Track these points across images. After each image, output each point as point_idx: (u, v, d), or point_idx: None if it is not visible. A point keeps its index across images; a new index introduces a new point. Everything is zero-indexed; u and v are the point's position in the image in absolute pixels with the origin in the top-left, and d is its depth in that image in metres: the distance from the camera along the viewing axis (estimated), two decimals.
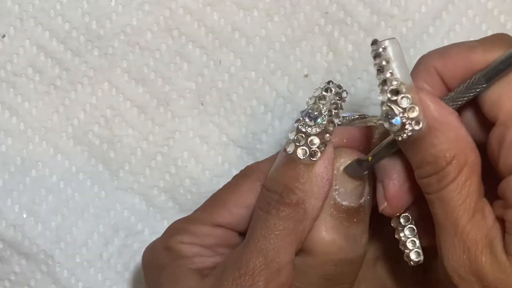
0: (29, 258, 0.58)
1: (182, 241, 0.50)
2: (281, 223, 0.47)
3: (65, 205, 0.58)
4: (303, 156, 0.47)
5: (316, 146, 0.47)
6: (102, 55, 0.58)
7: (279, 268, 0.46)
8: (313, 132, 0.47)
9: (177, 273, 0.49)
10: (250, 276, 0.46)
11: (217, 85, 0.58)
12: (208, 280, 0.48)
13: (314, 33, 0.58)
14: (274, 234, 0.47)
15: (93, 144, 0.58)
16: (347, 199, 0.48)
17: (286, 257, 0.47)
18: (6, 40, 0.57)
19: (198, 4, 0.58)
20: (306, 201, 0.47)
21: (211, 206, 0.51)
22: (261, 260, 0.47)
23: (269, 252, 0.47)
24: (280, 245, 0.47)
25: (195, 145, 0.58)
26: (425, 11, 0.57)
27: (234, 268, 0.47)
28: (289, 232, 0.47)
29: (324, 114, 0.47)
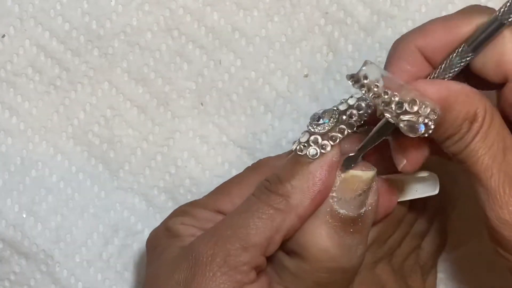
0: (28, 258, 0.58)
1: (182, 223, 0.51)
2: (260, 206, 0.47)
3: (65, 205, 0.58)
4: (302, 152, 0.47)
5: (317, 145, 0.47)
6: (102, 55, 0.58)
7: (243, 246, 0.47)
8: (317, 131, 0.47)
9: (166, 249, 0.50)
10: (212, 246, 0.47)
11: (217, 85, 0.58)
12: (182, 250, 0.48)
13: (314, 33, 0.58)
14: (250, 213, 0.47)
15: (93, 144, 0.58)
16: (345, 208, 0.48)
17: (254, 239, 0.47)
18: (6, 40, 0.57)
19: (198, 4, 0.58)
20: (291, 194, 0.47)
21: (216, 194, 0.52)
22: (228, 233, 0.47)
23: (239, 229, 0.47)
24: (252, 226, 0.47)
25: (195, 145, 0.58)
26: (425, 11, 0.57)
27: (202, 237, 0.48)
28: (266, 217, 0.47)
29: (334, 117, 0.47)
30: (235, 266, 0.46)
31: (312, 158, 0.47)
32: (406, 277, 0.54)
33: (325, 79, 0.58)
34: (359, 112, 0.48)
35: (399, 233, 0.53)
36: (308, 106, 0.58)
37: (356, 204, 0.48)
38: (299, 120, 0.58)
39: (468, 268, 0.59)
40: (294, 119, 0.58)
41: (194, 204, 0.52)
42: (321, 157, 0.47)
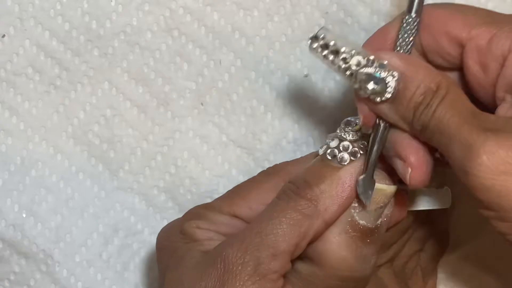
0: (28, 257, 0.58)
1: (198, 226, 0.50)
2: (288, 212, 0.47)
3: (65, 204, 0.58)
4: (332, 157, 0.47)
5: (347, 152, 0.47)
6: (102, 55, 0.58)
7: (273, 254, 0.46)
8: (348, 138, 0.47)
9: (186, 255, 0.49)
10: (242, 254, 0.46)
11: (217, 85, 0.58)
12: (206, 255, 0.48)
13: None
14: (278, 219, 0.47)
15: (93, 144, 0.58)
16: (365, 219, 0.47)
17: (283, 246, 0.46)
18: (6, 40, 0.58)
19: (198, 4, 0.58)
20: (320, 200, 0.47)
21: (231, 197, 0.52)
22: (258, 241, 0.46)
23: (268, 236, 0.46)
24: (281, 233, 0.46)
25: (195, 145, 0.58)
26: None
27: (230, 244, 0.47)
28: (294, 222, 0.46)
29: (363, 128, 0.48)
30: (265, 274, 0.46)
31: (342, 164, 0.47)
32: (407, 279, 0.54)
33: (325, 79, 0.58)
34: None
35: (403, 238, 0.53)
36: (308, 106, 0.58)
37: (376, 216, 0.48)
38: (299, 120, 0.58)
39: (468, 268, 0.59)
40: (294, 119, 0.58)
41: (209, 208, 0.52)
42: (352, 164, 0.47)
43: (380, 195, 0.48)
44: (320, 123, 0.58)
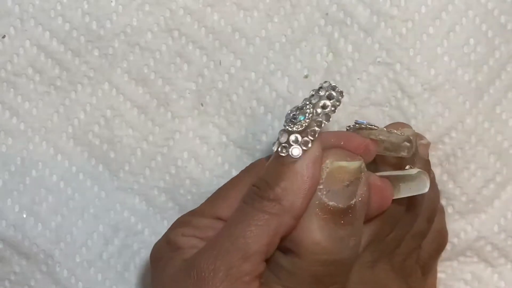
0: (29, 258, 0.58)
1: (183, 234, 0.51)
2: (254, 213, 0.47)
3: (65, 205, 0.58)
4: (284, 153, 0.47)
5: (298, 143, 0.47)
6: (102, 55, 0.58)
7: (245, 256, 0.46)
8: (294, 130, 0.47)
9: (167, 263, 0.50)
10: (213, 260, 0.47)
11: (217, 85, 0.58)
12: (184, 263, 0.48)
13: (314, 34, 0.58)
14: (246, 222, 0.47)
15: (93, 144, 0.58)
16: (334, 199, 0.47)
17: (254, 247, 0.47)
18: (7, 41, 0.57)
19: (199, 5, 0.58)
20: (283, 197, 0.47)
21: (213, 200, 0.52)
22: (228, 246, 0.47)
23: (238, 239, 0.47)
24: (250, 235, 0.47)
25: (195, 145, 0.58)
26: (425, 11, 0.57)
27: (201, 251, 0.48)
28: (262, 223, 0.47)
29: (308, 112, 0.47)
30: (238, 277, 0.46)
31: (295, 157, 0.47)
32: (406, 277, 0.54)
33: (325, 80, 0.58)
34: (331, 101, 0.48)
35: (398, 232, 0.53)
36: None
37: (345, 195, 0.48)
38: None
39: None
40: None
41: (193, 214, 0.52)
42: (304, 155, 0.47)
43: (343, 172, 0.48)
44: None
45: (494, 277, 0.59)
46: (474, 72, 0.57)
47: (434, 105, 0.57)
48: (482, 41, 0.57)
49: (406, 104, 0.57)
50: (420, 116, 0.57)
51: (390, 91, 0.57)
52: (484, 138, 0.58)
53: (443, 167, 0.58)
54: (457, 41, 0.57)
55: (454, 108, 0.57)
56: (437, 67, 0.57)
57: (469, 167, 0.58)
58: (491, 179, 0.58)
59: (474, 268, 0.59)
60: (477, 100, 0.57)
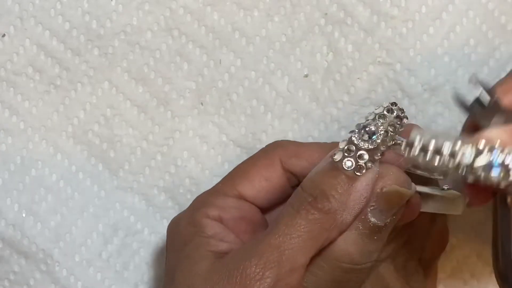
0: (28, 257, 0.58)
1: (207, 215, 0.50)
2: (307, 226, 0.46)
3: (65, 204, 0.58)
4: (349, 167, 0.46)
5: (364, 162, 0.46)
6: (102, 54, 0.58)
7: (292, 269, 0.46)
8: (365, 147, 0.46)
9: (193, 255, 0.49)
10: (261, 270, 0.46)
11: (217, 85, 0.58)
12: (218, 264, 0.48)
13: (314, 33, 0.58)
14: (296, 234, 0.46)
15: (93, 143, 0.58)
16: (377, 217, 0.47)
17: (301, 260, 0.46)
18: (6, 39, 0.57)
19: (198, 4, 0.58)
20: (338, 212, 0.46)
21: (233, 178, 0.52)
22: (276, 256, 0.46)
23: (286, 251, 0.46)
24: (299, 247, 0.46)
25: (195, 144, 0.58)
26: (425, 11, 0.57)
27: (246, 257, 0.47)
28: (311, 236, 0.46)
29: (381, 132, 0.47)
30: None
31: (358, 174, 0.46)
32: (408, 277, 0.54)
33: (325, 79, 0.58)
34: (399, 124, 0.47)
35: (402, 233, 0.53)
36: (308, 106, 0.58)
37: (387, 215, 0.47)
38: (299, 120, 0.58)
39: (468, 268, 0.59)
40: (294, 119, 0.58)
41: (215, 193, 0.52)
42: (367, 174, 0.46)
43: (397, 196, 0.47)
44: (320, 123, 0.58)
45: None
46: (474, 73, 0.57)
47: (434, 105, 0.57)
48: (482, 42, 0.57)
49: (406, 104, 0.57)
50: (420, 116, 0.57)
51: (390, 91, 0.57)
52: None
53: None
54: (457, 42, 0.57)
55: (454, 108, 0.57)
56: (437, 67, 0.57)
57: None
58: None
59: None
60: None
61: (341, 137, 0.57)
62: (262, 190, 0.51)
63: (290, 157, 0.52)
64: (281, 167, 0.52)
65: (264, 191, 0.51)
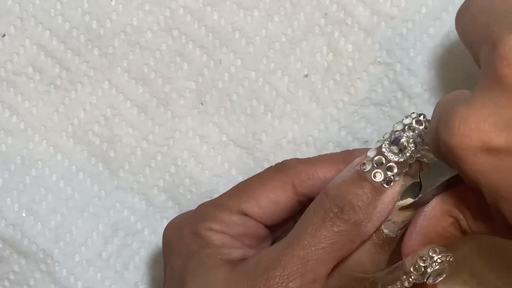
0: (28, 257, 0.58)
1: (211, 228, 0.50)
2: (332, 238, 0.46)
3: (65, 204, 0.58)
4: (378, 179, 0.46)
5: (392, 174, 0.46)
6: (102, 54, 0.58)
7: (314, 279, 0.46)
8: (395, 160, 0.46)
9: (206, 262, 0.49)
10: (285, 280, 0.46)
11: (217, 85, 0.58)
12: (238, 273, 0.48)
13: (315, 33, 0.58)
14: (321, 245, 0.46)
15: (93, 143, 0.58)
16: (389, 228, 0.48)
17: (323, 271, 0.46)
18: (6, 40, 0.57)
19: (199, 4, 0.58)
20: (364, 223, 0.46)
21: (239, 195, 0.51)
22: (300, 267, 0.46)
23: (310, 262, 0.46)
24: (323, 258, 0.46)
25: (195, 144, 0.58)
26: (425, 11, 0.57)
27: (270, 267, 0.47)
28: (336, 248, 0.46)
29: (411, 146, 0.47)
30: None
31: (386, 186, 0.46)
32: None
33: (325, 79, 0.58)
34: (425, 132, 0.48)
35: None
36: (308, 106, 0.58)
37: (400, 227, 0.48)
38: (299, 120, 0.58)
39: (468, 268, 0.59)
40: (294, 119, 0.58)
41: (219, 206, 0.51)
42: (394, 187, 0.47)
43: (410, 210, 0.48)
44: (320, 123, 0.58)
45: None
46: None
47: (434, 105, 0.57)
48: None
49: (406, 104, 0.57)
50: None
51: (390, 91, 0.57)
52: None
53: None
54: (457, 41, 0.57)
55: None
56: (437, 67, 0.57)
57: None
58: None
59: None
60: None
61: (341, 137, 0.57)
62: (268, 211, 0.51)
63: (304, 180, 0.51)
64: (292, 191, 0.51)
65: (271, 212, 0.51)
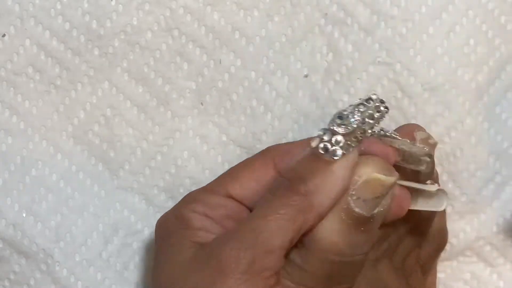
0: (28, 257, 0.58)
1: (194, 210, 0.51)
2: (283, 208, 0.47)
3: (65, 204, 0.58)
4: (325, 151, 0.47)
5: (340, 145, 0.47)
6: (102, 54, 0.58)
7: (268, 251, 0.46)
8: (340, 131, 0.47)
9: (178, 243, 0.49)
10: (236, 252, 0.46)
11: (217, 85, 0.58)
12: (200, 252, 0.48)
13: (314, 33, 0.58)
14: (273, 216, 0.47)
15: (93, 143, 0.58)
16: (361, 207, 0.47)
17: (277, 242, 0.46)
18: (6, 40, 0.57)
19: (199, 4, 0.58)
20: (314, 195, 0.47)
21: (224, 178, 0.52)
22: (252, 238, 0.46)
23: (263, 233, 0.46)
24: (275, 229, 0.46)
25: (195, 144, 0.58)
26: (425, 11, 0.57)
27: (225, 242, 0.47)
28: (288, 218, 0.47)
29: (356, 118, 0.47)
30: (259, 272, 0.46)
31: (335, 158, 0.47)
32: (407, 276, 0.54)
33: (325, 79, 0.58)
34: (377, 114, 0.48)
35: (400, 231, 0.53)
36: (308, 106, 0.58)
37: (372, 205, 0.48)
38: (299, 120, 0.58)
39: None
40: (294, 119, 0.58)
41: (204, 190, 0.52)
42: (344, 158, 0.47)
43: (377, 185, 0.48)
44: (320, 123, 0.58)
45: (493, 276, 0.59)
46: (474, 73, 0.57)
47: (434, 105, 0.57)
48: (482, 42, 0.57)
49: (406, 104, 0.57)
50: (420, 116, 0.57)
51: (390, 91, 0.57)
52: (484, 138, 0.58)
53: (442, 167, 0.58)
54: (457, 41, 0.57)
55: (454, 108, 0.57)
56: (437, 67, 0.57)
57: (469, 167, 0.58)
58: (490, 180, 0.58)
59: (474, 268, 0.59)
60: (477, 100, 0.57)
61: None
62: (250, 190, 0.51)
63: (283, 156, 0.52)
64: (273, 169, 0.52)
65: (253, 191, 0.51)
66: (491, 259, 0.59)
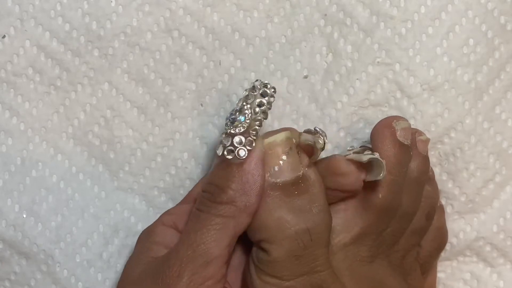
0: (29, 258, 0.58)
1: (163, 222, 0.52)
2: (212, 219, 0.48)
3: (65, 205, 0.58)
4: (231, 156, 0.48)
5: (242, 144, 0.48)
6: (102, 55, 0.58)
7: (207, 261, 0.48)
8: (237, 132, 0.48)
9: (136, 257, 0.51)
10: (178, 267, 0.48)
11: (217, 86, 0.58)
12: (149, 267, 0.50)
13: (314, 34, 0.58)
14: (205, 228, 0.48)
15: (93, 144, 0.58)
16: (279, 176, 0.49)
17: (216, 251, 0.48)
18: (7, 41, 0.58)
19: (198, 5, 0.58)
20: (236, 199, 0.48)
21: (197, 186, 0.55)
22: (190, 253, 0.48)
23: (199, 246, 0.48)
24: (210, 240, 0.48)
25: (195, 146, 0.58)
26: (425, 11, 0.57)
27: (168, 258, 0.49)
28: (220, 227, 0.48)
29: (248, 113, 0.49)
30: (201, 282, 0.48)
31: (242, 158, 0.48)
32: (405, 274, 0.54)
33: (324, 80, 0.58)
34: (265, 98, 0.49)
35: (396, 227, 0.53)
36: (308, 107, 0.58)
37: (288, 168, 0.49)
38: (299, 120, 0.58)
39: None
40: (294, 120, 0.58)
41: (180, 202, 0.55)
42: (251, 154, 0.48)
43: (273, 147, 0.49)
44: (320, 124, 0.58)
45: (493, 276, 0.59)
46: (474, 73, 0.57)
47: (433, 105, 0.57)
48: (482, 42, 0.57)
49: (406, 104, 0.57)
50: (419, 116, 0.57)
51: (389, 91, 0.57)
52: (484, 138, 0.58)
53: (442, 166, 0.58)
54: (456, 42, 0.57)
55: (454, 108, 0.57)
56: (436, 67, 0.57)
57: (469, 167, 0.58)
58: (490, 179, 0.58)
59: (473, 267, 0.59)
60: (477, 100, 0.58)
61: (340, 137, 0.57)
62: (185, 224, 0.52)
63: None
64: None
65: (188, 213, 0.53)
66: (491, 259, 0.59)
